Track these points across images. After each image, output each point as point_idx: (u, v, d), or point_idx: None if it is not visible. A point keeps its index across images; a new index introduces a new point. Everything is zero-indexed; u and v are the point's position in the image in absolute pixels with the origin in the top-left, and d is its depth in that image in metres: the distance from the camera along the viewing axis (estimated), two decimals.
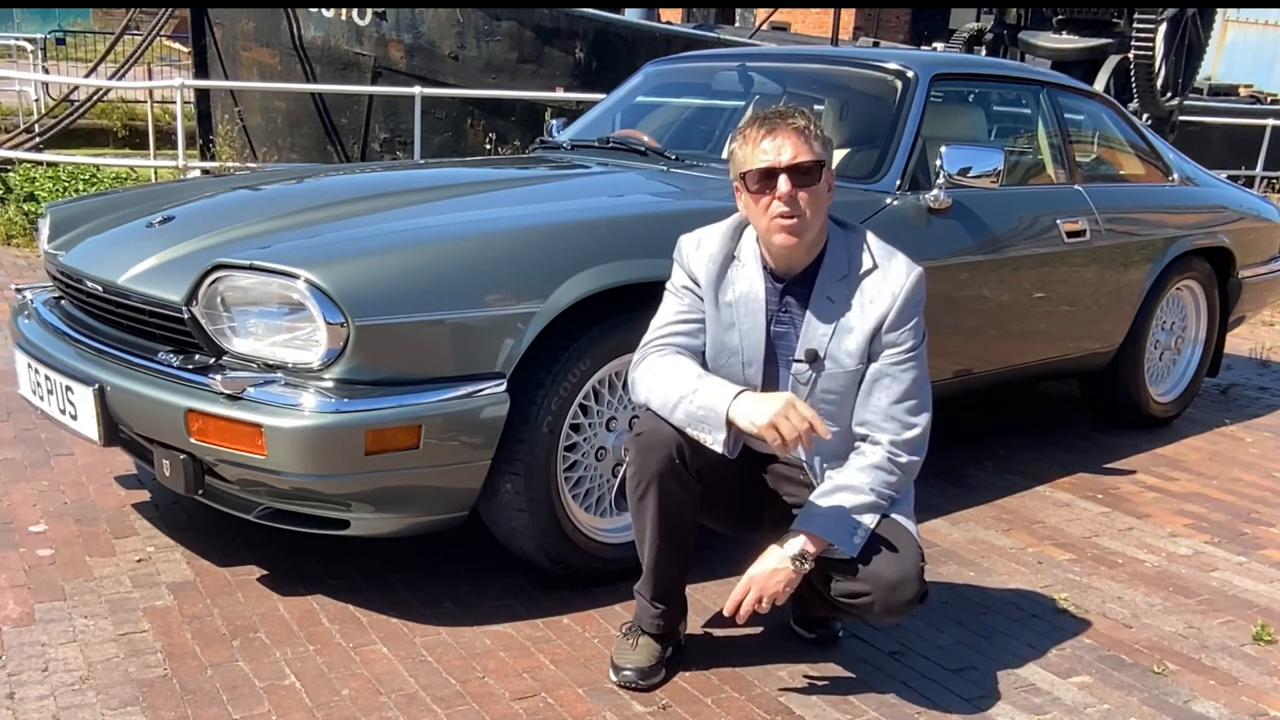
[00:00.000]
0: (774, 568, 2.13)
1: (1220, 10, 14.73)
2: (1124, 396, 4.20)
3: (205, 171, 7.35)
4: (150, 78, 13.17)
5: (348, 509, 2.40)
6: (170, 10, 10.42)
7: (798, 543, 2.12)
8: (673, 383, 2.13)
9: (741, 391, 2.06)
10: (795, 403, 2.01)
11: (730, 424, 2.04)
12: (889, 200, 3.16)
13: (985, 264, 3.37)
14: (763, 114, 2.14)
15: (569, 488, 2.61)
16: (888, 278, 2.17)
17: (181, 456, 2.39)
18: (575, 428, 2.60)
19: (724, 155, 3.62)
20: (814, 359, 2.17)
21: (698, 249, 2.24)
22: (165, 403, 2.36)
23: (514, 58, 8.89)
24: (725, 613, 2.17)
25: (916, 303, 2.18)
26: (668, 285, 2.29)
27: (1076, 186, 3.84)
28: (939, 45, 11.44)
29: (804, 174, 2.08)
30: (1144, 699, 2.38)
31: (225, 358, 2.38)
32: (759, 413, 2.01)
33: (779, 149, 2.08)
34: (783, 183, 2.08)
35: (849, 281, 2.18)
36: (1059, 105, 3.93)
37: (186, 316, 2.39)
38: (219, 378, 2.30)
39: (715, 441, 2.06)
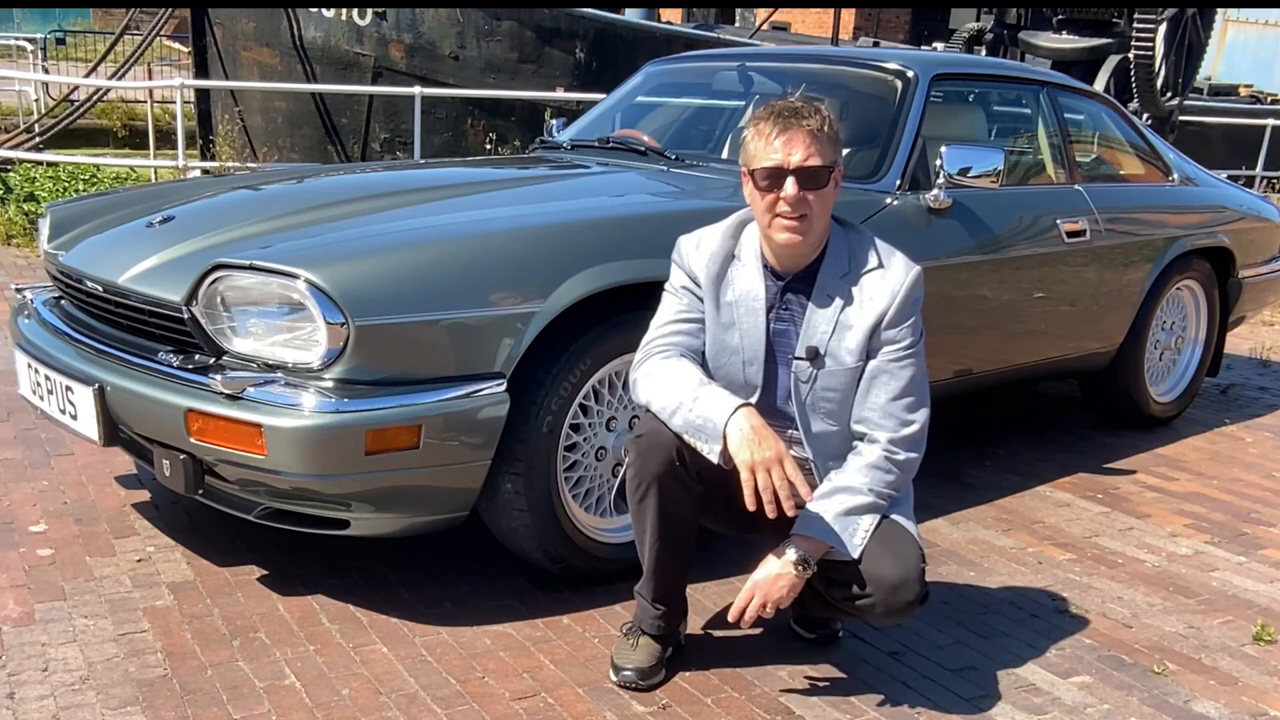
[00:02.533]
0: (777, 573, 2.13)
1: (1220, 10, 14.72)
2: (1124, 396, 4.20)
3: (205, 171, 7.35)
4: (150, 78, 13.17)
5: (348, 509, 2.40)
6: (170, 10, 10.43)
7: (800, 547, 2.12)
8: (673, 388, 2.12)
9: (742, 406, 2.04)
10: (785, 461, 1.99)
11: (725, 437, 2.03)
12: (889, 200, 3.16)
13: (985, 264, 3.37)
14: (780, 107, 2.11)
15: (569, 488, 2.61)
16: (887, 276, 2.17)
17: (181, 456, 2.39)
18: (575, 428, 2.60)
19: (724, 154, 3.64)
20: (814, 356, 2.17)
21: (697, 249, 2.24)
22: (165, 403, 2.36)
23: (514, 58, 8.89)
24: (730, 619, 2.17)
25: (915, 301, 2.18)
26: (666, 286, 2.29)
27: (1076, 186, 3.84)
28: (939, 45, 11.43)
29: (812, 177, 2.08)
30: (1144, 699, 2.38)
31: (225, 358, 2.38)
32: (747, 448, 2.00)
33: (789, 150, 2.06)
34: (790, 185, 2.07)
35: (849, 279, 2.18)
36: (1059, 105, 3.93)
37: (186, 316, 2.39)
38: (219, 378, 2.30)
39: (711, 452, 2.05)
